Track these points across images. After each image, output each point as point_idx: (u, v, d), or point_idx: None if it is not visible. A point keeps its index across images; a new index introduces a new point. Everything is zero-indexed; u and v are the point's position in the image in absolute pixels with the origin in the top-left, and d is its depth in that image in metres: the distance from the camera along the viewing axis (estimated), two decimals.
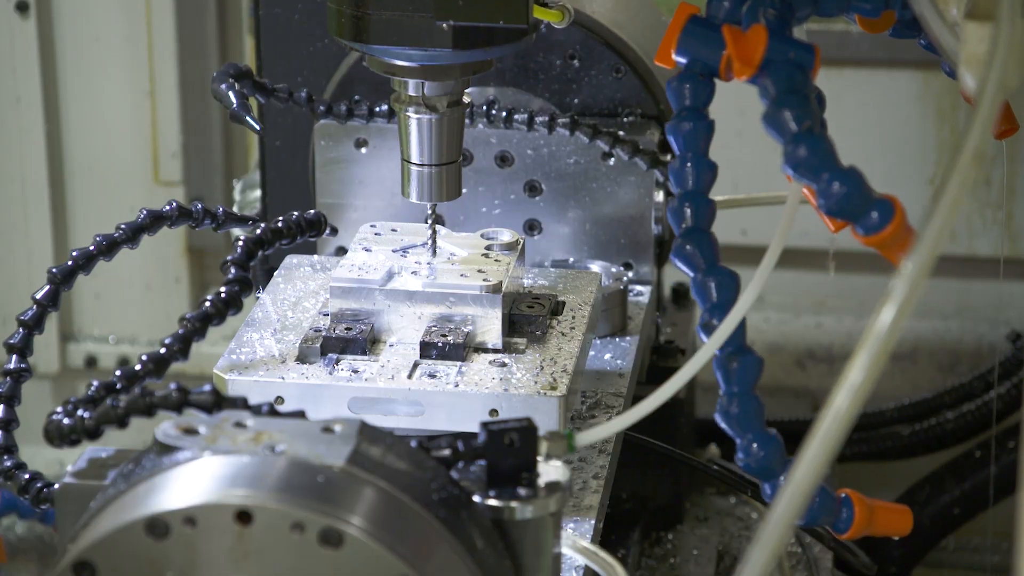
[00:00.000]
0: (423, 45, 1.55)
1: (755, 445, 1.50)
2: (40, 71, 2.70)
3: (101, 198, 2.78)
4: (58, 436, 1.33)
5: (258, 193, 2.23)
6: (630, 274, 1.96)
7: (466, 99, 1.65)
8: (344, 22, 1.56)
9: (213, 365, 1.57)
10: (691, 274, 1.51)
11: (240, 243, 1.60)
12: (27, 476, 1.49)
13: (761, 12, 1.44)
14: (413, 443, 1.27)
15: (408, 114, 1.63)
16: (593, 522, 1.56)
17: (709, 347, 1.49)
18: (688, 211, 1.51)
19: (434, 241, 1.69)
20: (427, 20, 1.53)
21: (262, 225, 1.62)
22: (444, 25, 1.53)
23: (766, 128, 1.39)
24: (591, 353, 1.82)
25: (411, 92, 1.62)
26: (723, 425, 1.52)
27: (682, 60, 1.50)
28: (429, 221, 1.69)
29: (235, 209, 2.22)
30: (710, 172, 1.53)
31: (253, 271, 1.59)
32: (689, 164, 1.52)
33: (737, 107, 2.60)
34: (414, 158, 1.65)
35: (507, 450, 1.26)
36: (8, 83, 2.71)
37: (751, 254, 1.55)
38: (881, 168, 2.70)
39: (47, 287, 1.60)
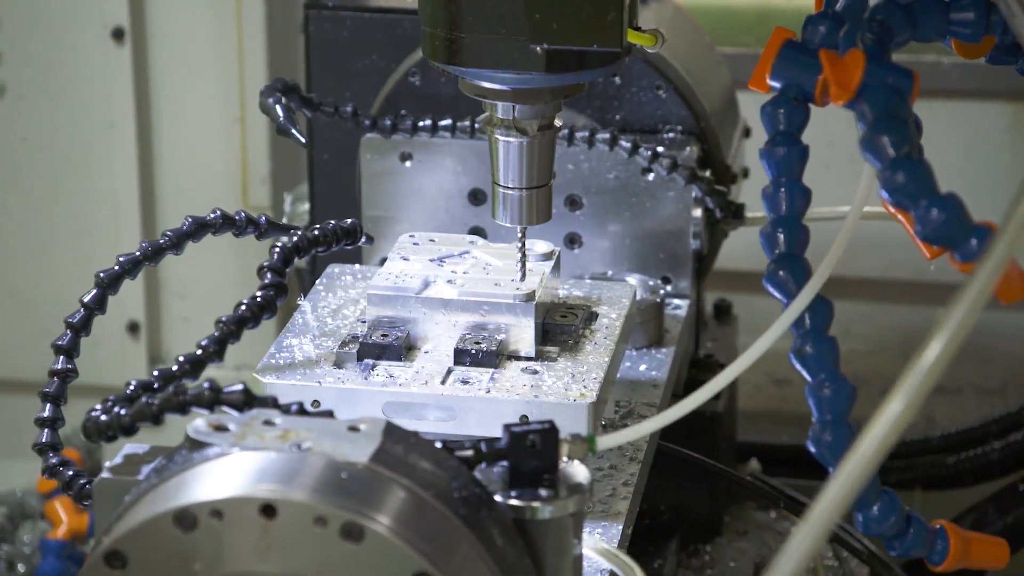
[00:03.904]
0: (516, 68, 1.55)
1: None
2: (134, 97, 2.77)
3: None
4: (95, 432, 1.37)
5: (307, 206, 2.28)
6: (668, 287, 1.99)
7: (557, 122, 1.64)
8: (438, 45, 1.56)
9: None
10: (784, 300, 1.50)
11: (277, 250, 1.64)
12: (71, 473, 1.53)
13: (858, 37, 1.42)
14: (438, 444, 1.30)
15: (498, 137, 1.63)
16: (621, 527, 1.59)
17: (750, 355, 1.49)
18: (781, 236, 1.51)
19: (523, 265, 1.69)
20: (521, 43, 1.53)
21: (299, 233, 1.66)
22: (538, 48, 1.53)
23: (863, 153, 1.38)
24: (626, 364, 1.85)
25: (501, 115, 1.62)
26: (815, 454, 1.50)
27: (776, 85, 1.49)
28: (520, 244, 1.68)
29: (285, 221, 2.26)
30: (804, 198, 1.52)
31: (289, 277, 1.62)
32: (783, 189, 1.51)
33: (825, 138, 2.60)
34: (503, 181, 1.65)
35: (529, 452, 1.30)
36: (103, 108, 2.77)
37: (839, 284, 1.55)
38: (970, 200, 2.68)
39: (95, 290, 1.65)
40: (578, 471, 1.31)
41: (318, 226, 1.68)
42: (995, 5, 1.46)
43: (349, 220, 1.70)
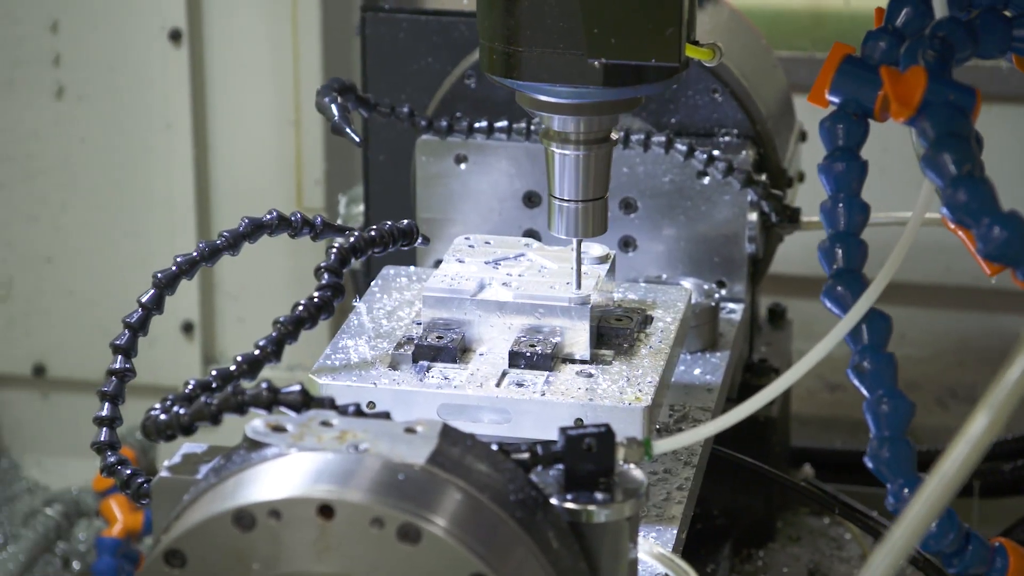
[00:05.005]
0: (574, 82, 1.55)
1: (906, 491, 1.48)
2: (190, 98, 2.78)
3: None
4: (155, 431, 1.38)
5: (362, 208, 2.28)
6: (723, 291, 1.99)
7: (614, 135, 1.64)
8: (496, 59, 1.57)
9: None
10: (841, 316, 1.50)
11: (334, 250, 1.64)
12: (129, 472, 1.54)
13: (920, 53, 1.42)
14: (494, 446, 1.31)
15: (553, 149, 1.63)
16: (675, 532, 1.59)
17: (808, 361, 1.48)
18: (839, 252, 1.50)
19: (579, 275, 1.69)
20: (578, 58, 1.53)
21: (356, 233, 1.67)
22: (596, 63, 1.53)
23: (924, 170, 1.37)
24: (680, 368, 1.84)
25: (556, 128, 1.62)
26: (873, 469, 1.50)
27: (836, 100, 1.49)
28: (574, 256, 1.68)
29: (339, 223, 2.27)
30: (862, 214, 1.51)
31: (344, 278, 1.63)
32: (841, 205, 1.51)
33: (881, 143, 2.59)
34: (559, 193, 1.64)
35: (585, 455, 1.30)
36: (159, 110, 2.79)
37: (895, 289, 1.55)
38: None
39: (152, 291, 1.66)
40: (634, 475, 1.31)
41: (375, 227, 1.68)
42: None
43: (406, 221, 1.71)
